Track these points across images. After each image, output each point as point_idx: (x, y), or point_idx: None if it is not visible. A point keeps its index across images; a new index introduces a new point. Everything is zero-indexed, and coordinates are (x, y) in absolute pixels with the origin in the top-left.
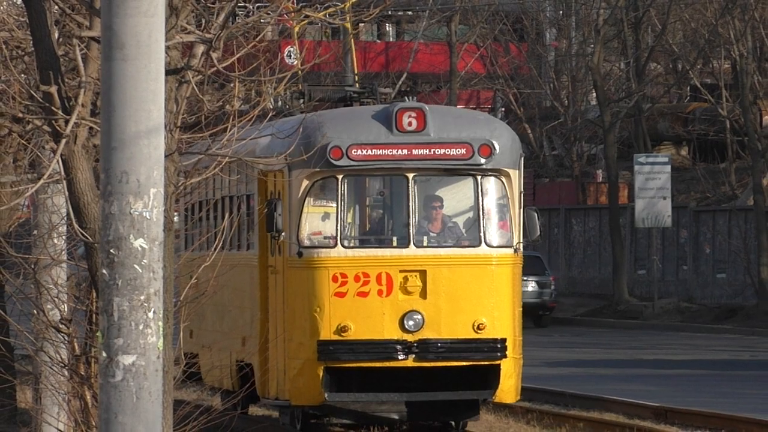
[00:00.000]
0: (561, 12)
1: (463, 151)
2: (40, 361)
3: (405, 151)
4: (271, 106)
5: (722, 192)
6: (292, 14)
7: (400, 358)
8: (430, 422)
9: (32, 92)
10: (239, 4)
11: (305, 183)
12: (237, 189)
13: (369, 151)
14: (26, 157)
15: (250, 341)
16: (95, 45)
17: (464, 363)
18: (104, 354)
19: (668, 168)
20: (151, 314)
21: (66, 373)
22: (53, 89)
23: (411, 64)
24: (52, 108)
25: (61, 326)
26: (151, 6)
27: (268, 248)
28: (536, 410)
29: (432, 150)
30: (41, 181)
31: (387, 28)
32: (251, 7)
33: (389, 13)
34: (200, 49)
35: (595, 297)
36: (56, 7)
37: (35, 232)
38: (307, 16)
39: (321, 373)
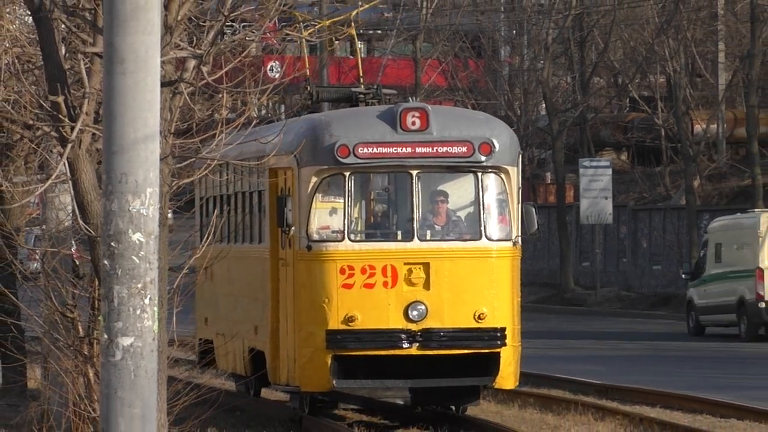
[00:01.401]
0: (514, 31)
1: (464, 149)
2: (48, 342)
3: (409, 149)
4: (255, 115)
5: (658, 193)
6: (274, 33)
7: (404, 346)
8: (433, 407)
9: (41, 102)
10: (227, 24)
11: (314, 179)
12: (249, 185)
13: (375, 149)
14: (36, 160)
15: (262, 330)
16: (98, 60)
17: (466, 351)
18: (105, 336)
19: (609, 171)
20: (147, 300)
21: (71, 353)
22: (60, 99)
23: (380, 78)
24: (60, 116)
25: (66, 311)
26: (148, 25)
27: (279, 242)
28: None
29: (434, 148)
30: (49, 181)
31: (359, 45)
32: (237, 26)
33: (361, 32)
34: (192, 63)
35: (544, 286)
36: (63, 25)
37: (44, 226)
38: (287, 35)
39: (329, 361)
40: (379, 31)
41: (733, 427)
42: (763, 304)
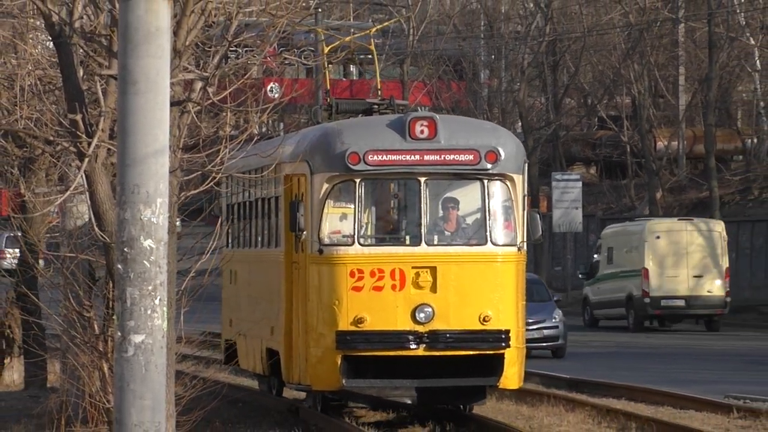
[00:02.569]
0: (493, 56)
1: (471, 157)
2: (66, 339)
3: (417, 157)
4: (257, 132)
5: (623, 203)
6: (274, 57)
7: (411, 347)
8: (444, 406)
9: (61, 120)
10: (230, 49)
11: (326, 186)
12: (267, 191)
13: (384, 157)
14: (56, 173)
15: (277, 330)
16: (113, 81)
17: (471, 352)
18: (119, 333)
19: (579, 184)
20: (157, 301)
21: (87, 349)
22: (78, 117)
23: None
24: (78, 132)
25: (83, 311)
26: (159, 50)
27: (293, 246)
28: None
29: (442, 156)
30: (68, 192)
31: (351, 69)
32: (240, 51)
33: (352, 56)
34: (198, 84)
35: None
36: (81, 50)
37: (63, 233)
38: (285, 59)
39: (339, 361)
40: (370, 56)
41: (691, 418)
42: (648, 300)
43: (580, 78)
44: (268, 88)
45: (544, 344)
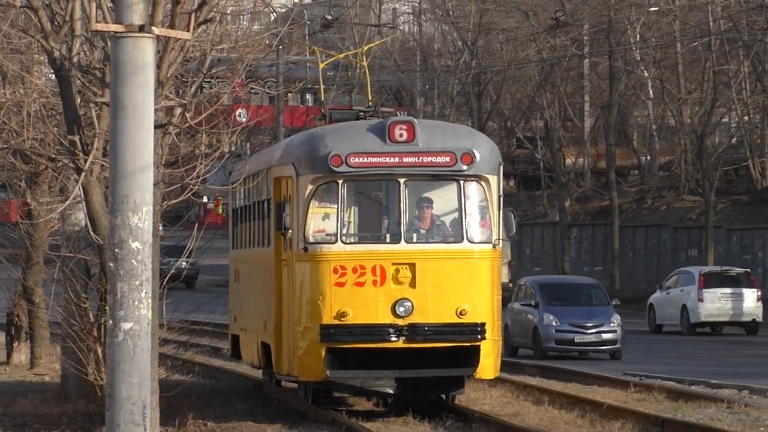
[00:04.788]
0: (427, 86)
1: (448, 159)
2: (66, 326)
3: (396, 159)
4: (227, 150)
5: (538, 211)
6: (242, 87)
7: (392, 339)
8: (427, 395)
9: (61, 140)
10: (205, 80)
11: (310, 187)
12: (261, 194)
13: (365, 159)
14: (57, 185)
15: (269, 325)
16: (106, 108)
17: (448, 344)
18: (110, 321)
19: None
20: (143, 294)
21: (84, 335)
22: (76, 138)
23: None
24: (76, 151)
25: (80, 302)
26: (145, 81)
27: (282, 245)
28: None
29: (420, 158)
30: (68, 202)
31: (307, 96)
32: (213, 81)
33: (309, 86)
34: (178, 110)
35: None
36: (79, 81)
37: (63, 236)
38: (252, 88)
39: (323, 353)
40: (323, 86)
41: (595, 392)
42: None
43: (501, 104)
44: (237, 113)
45: (603, 347)
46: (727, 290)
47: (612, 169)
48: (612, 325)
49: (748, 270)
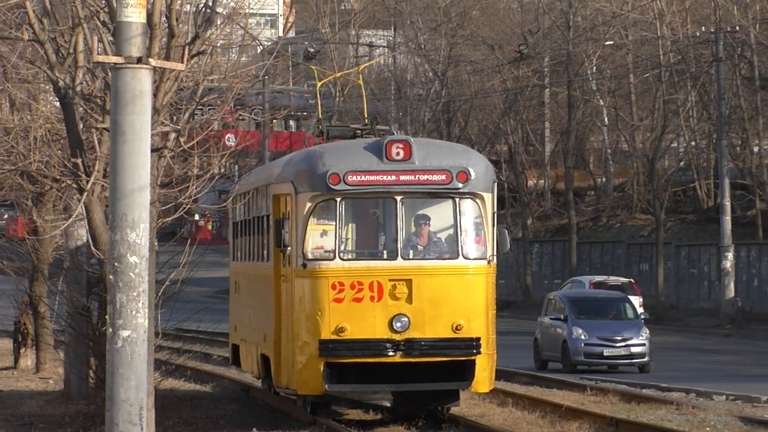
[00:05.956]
0: (401, 113)
1: (443, 177)
2: (69, 333)
3: (393, 177)
4: (217, 172)
5: None
6: (231, 114)
7: (389, 354)
8: (423, 408)
9: (65, 162)
10: (197, 107)
11: (309, 204)
12: (260, 210)
13: (363, 177)
14: (61, 204)
15: (269, 338)
16: (106, 133)
17: (444, 358)
18: (110, 329)
19: None
20: (140, 304)
21: (86, 341)
22: (79, 161)
23: (306, 146)
24: (78, 173)
25: (83, 311)
26: (142, 108)
27: (281, 260)
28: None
29: (416, 176)
30: (71, 219)
31: (290, 123)
32: (205, 109)
33: (292, 113)
34: (173, 135)
35: None
36: (81, 108)
37: (67, 251)
38: (240, 115)
39: (322, 368)
40: (305, 113)
41: (555, 394)
42: None
43: (469, 130)
44: (226, 138)
45: (632, 361)
46: None
47: (570, 190)
48: (641, 338)
49: (632, 280)
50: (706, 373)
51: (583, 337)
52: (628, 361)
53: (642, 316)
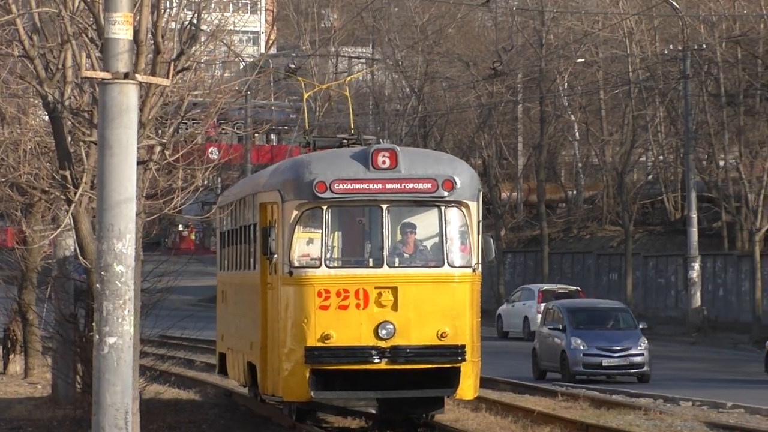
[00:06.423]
0: (379, 128)
1: (429, 185)
2: (57, 340)
3: (379, 186)
4: (200, 184)
5: None
6: (214, 128)
7: (375, 361)
8: (408, 415)
9: (54, 175)
10: (182, 121)
11: (295, 212)
12: (246, 218)
13: (349, 186)
14: (50, 215)
15: (255, 346)
16: (93, 146)
17: (429, 366)
18: (97, 336)
19: None
20: (126, 312)
21: (73, 348)
22: (67, 173)
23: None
24: (66, 184)
25: (70, 318)
26: (129, 122)
27: (267, 268)
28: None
29: (402, 185)
30: (59, 230)
31: (272, 137)
32: (189, 123)
33: (273, 128)
34: (158, 148)
35: None
36: (69, 122)
37: (55, 260)
38: (223, 129)
39: (308, 375)
40: (286, 127)
41: (527, 400)
42: None
43: (444, 144)
44: (210, 151)
45: (631, 371)
46: None
47: (542, 202)
48: (639, 348)
49: (578, 288)
50: (673, 380)
51: (581, 347)
52: (627, 371)
53: (641, 326)
